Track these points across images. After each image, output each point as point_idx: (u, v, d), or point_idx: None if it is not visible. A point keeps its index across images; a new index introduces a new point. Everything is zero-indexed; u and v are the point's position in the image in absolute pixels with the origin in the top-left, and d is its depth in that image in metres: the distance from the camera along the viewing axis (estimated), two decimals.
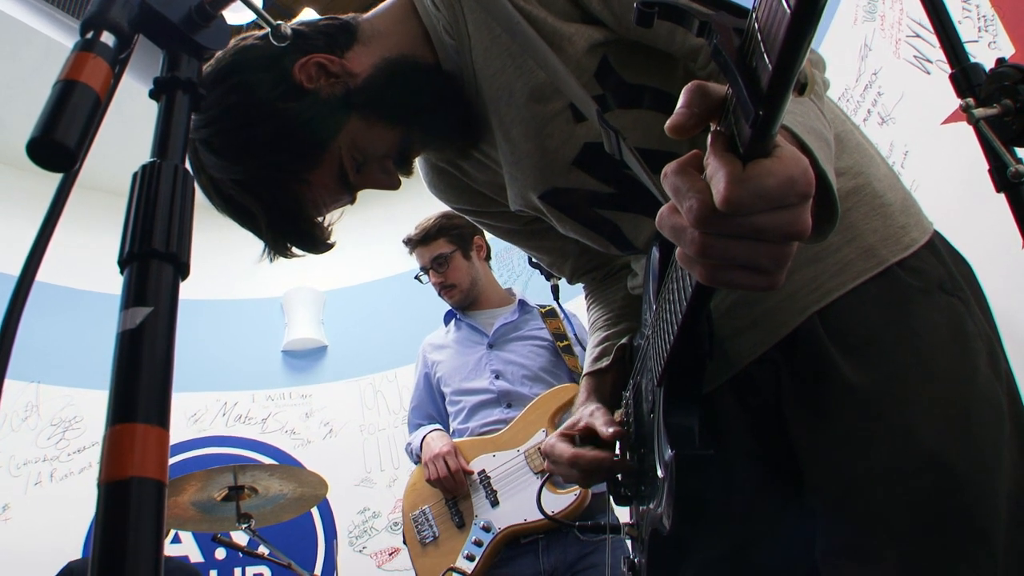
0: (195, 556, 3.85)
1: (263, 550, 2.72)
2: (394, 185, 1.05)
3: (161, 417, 0.41)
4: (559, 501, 2.21)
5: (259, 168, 0.99)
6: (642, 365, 1.00)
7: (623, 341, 1.16)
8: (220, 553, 3.85)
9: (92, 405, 4.01)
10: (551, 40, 0.91)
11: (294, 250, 1.09)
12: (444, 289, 2.65)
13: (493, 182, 1.12)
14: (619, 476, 1.07)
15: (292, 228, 1.05)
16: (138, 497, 0.39)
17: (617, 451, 1.08)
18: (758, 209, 0.49)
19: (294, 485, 2.77)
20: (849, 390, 0.86)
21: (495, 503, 2.35)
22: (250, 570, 3.92)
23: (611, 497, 1.10)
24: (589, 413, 1.09)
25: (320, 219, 1.06)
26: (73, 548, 3.65)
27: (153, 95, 0.58)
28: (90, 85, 0.49)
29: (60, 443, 3.88)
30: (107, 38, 0.53)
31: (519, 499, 2.32)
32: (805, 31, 0.37)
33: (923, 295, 0.88)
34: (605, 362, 1.16)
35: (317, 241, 1.07)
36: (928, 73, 2.26)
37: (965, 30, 2.06)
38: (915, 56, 2.29)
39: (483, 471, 2.40)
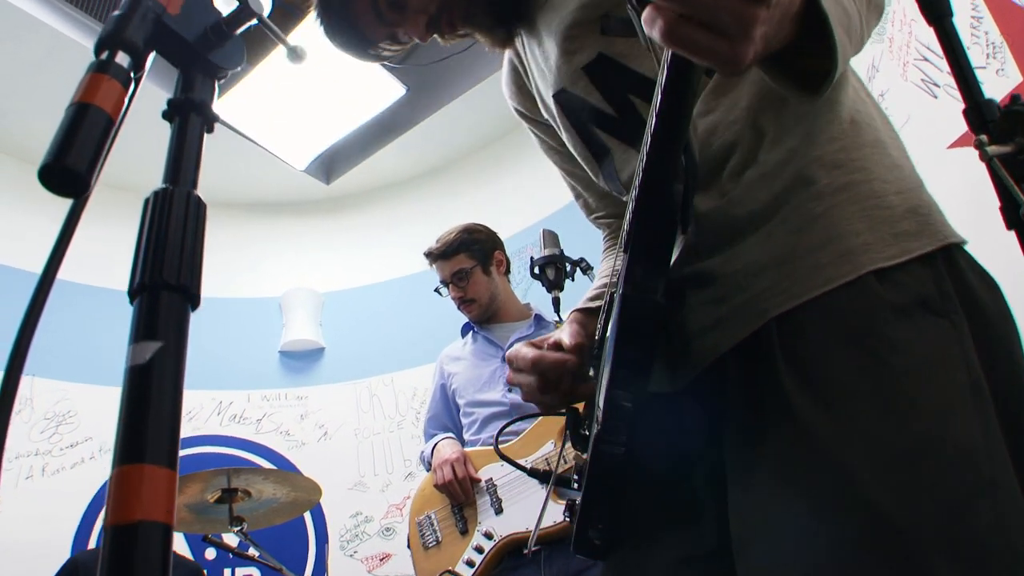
0: (184, 552, 3.84)
1: (253, 552, 2.72)
2: (420, 37, 1.12)
3: (170, 457, 0.41)
4: (560, 510, 2.21)
5: None
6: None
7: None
8: (210, 553, 3.83)
9: (86, 400, 3.99)
10: None
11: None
12: (464, 304, 2.67)
13: (536, 86, 1.17)
14: (580, 410, 1.03)
15: (344, 25, 1.13)
16: (145, 542, 0.38)
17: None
18: None
19: (288, 489, 2.77)
20: (788, 413, 0.78)
21: (499, 511, 2.35)
22: (240, 571, 3.90)
23: (569, 435, 1.03)
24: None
25: (372, 35, 1.14)
26: (62, 543, 3.64)
27: (166, 116, 0.58)
28: (103, 108, 0.49)
29: (53, 437, 3.86)
30: (122, 58, 0.53)
31: (523, 508, 2.33)
32: None
33: (897, 313, 0.79)
34: (596, 303, 1.12)
35: (360, 45, 1.16)
36: (935, 97, 2.27)
37: (974, 55, 2.06)
38: (922, 79, 2.30)
39: (490, 479, 2.41)
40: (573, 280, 2.53)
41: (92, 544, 3.71)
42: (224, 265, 4.77)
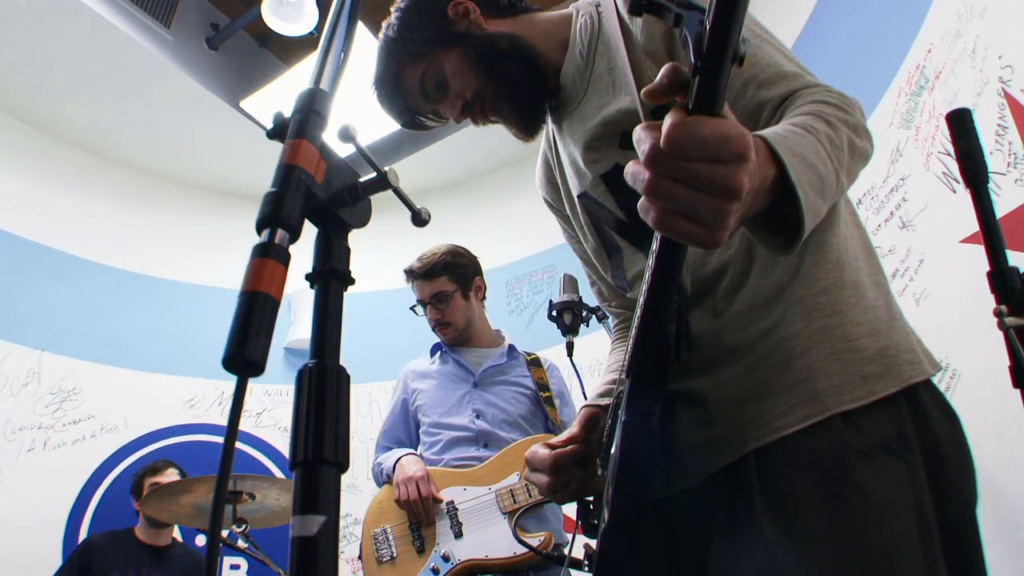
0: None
1: (242, 544, 2.78)
2: (455, 118, 1.26)
3: None
4: (513, 543, 2.28)
5: (395, 39, 1.26)
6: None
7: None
8: (200, 540, 3.91)
9: (92, 378, 4.07)
10: (645, 84, 1.04)
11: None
12: (439, 326, 2.68)
13: (563, 182, 1.31)
14: (590, 501, 1.16)
15: (395, 97, 1.29)
16: None
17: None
18: (695, 155, 0.59)
19: (291, 496, 2.84)
20: (760, 538, 0.88)
21: (459, 535, 2.38)
22: (227, 560, 3.98)
23: (580, 523, 1.17)
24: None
25: (417, 108, 1.29)
26: (59, 517, 3.72)
27: (309, 278, 0.65)
28: (271, 295, 0.56)
29: (57, 412, 3.92)
30: (281, 236, 0.60)
31: (483, 535, 2.36)
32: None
33: (858, 456, 0.88)
34: (605, 401, 1.25)
35: (410, 122, 1.33)
36: (954, 192, 2.35)
37: (995, 161, 2.16)
38: (944, 172, 2.38)
39: (452, 502, 2.43)
40: (588, 326, 2.61)
41: (87, 521, 3.79)
42: (236, 255, 4.82)
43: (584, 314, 2.58)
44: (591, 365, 3.73)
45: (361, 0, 0.75)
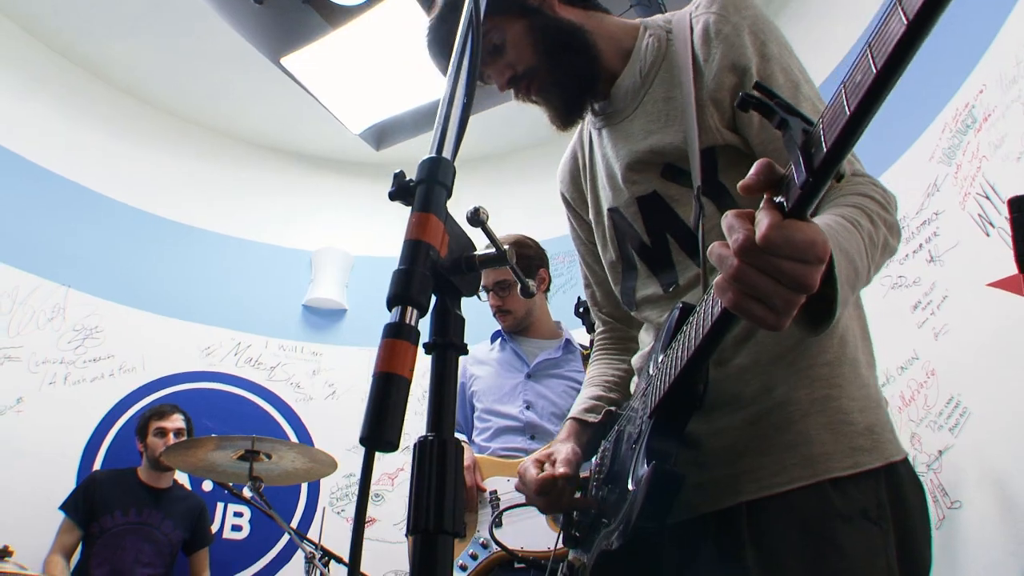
0: (183, 483, 4.02)
1: (247, 493, 2.88)
2: (499, 85, 1.26)
3: None
4: (552, 536, 2.36)
5: None
6: (631, 416, 1.15)
7: (612, 408, 1.33)
8: (207, 485, 4.02)
9: (114, 318, 4.14)
10: (703, 127, 1.12)
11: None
12: (500, 313, 2.75)
13: (593, 189, 1.35)
14: (575, 515, 1.24)
15: (445, 48, 1.27)
16: None
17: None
18: (784, 254, 0.66)
19: (306, 460, 2.94)
20: None
21: (498, 524, 2.47)
22: (232, 507, 4.10)
23: (561, 535, 1.27)
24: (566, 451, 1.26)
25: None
26: (74, 451, 3.83)
27: (427, 350, 0.69)
28: (404, 376, 0.60)
29: (79, 349, 4.00)
30: (411, 314, 0.64)
31: (521, 527, 2.44)
32: (856, 128, 0.57)
33: (842, 521, 0.97)
34: (592, 417, 1.33)
35: (445, 64, 1.28)
36: (987, 235, 2.38)
37: None
38: (979, 215, 2.41)
39: (495, 491, 2.53)
40: None
41: (100, 456, 3.89)
42: (264, 209, 4.88)
43: None
44: None
45: (478, 66, 0.79)
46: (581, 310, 2.65)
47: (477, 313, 2.86)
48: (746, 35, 1.11)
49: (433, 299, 0.70)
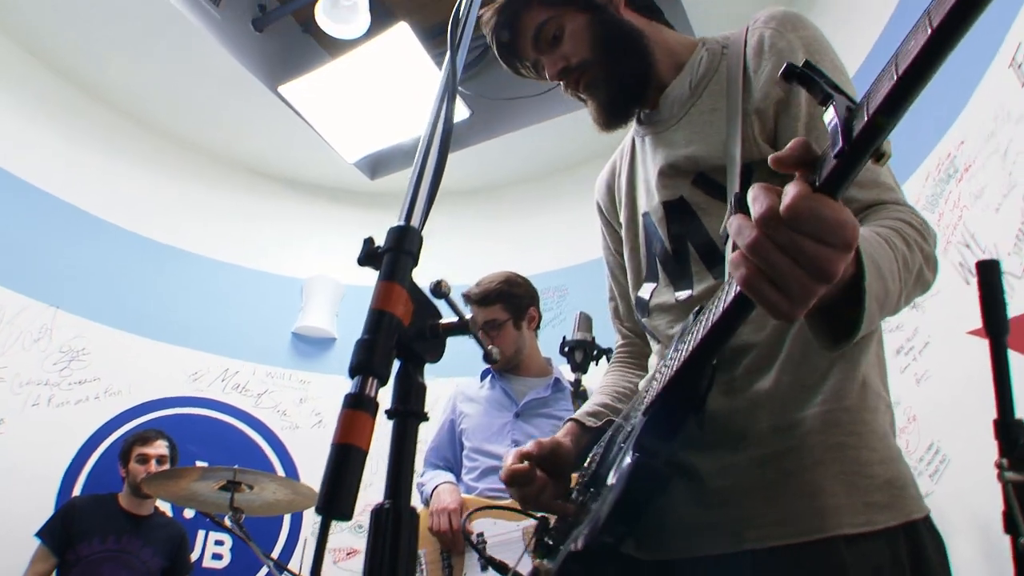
0: (164, 510, 3.99)
1: (228, 522, 2.86)
2: (547, 77, 1.28)
3: None
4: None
5: None
6: (624, 422, 1.13)
7: (616, 419, 1.27)
8: (188, 512, 4.00)
9: (102, 340, 4.13)
10: (745, 137, 1.10)
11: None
12: None
13: (629, 192, 1.36)
14: (550, 522, 1.20)
15: (507, 31, 1.29)
16: None
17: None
18: (808, 230, 0.61)
19: (288, 492, 2.93)
20: None
21: (484, 567, 2.43)
22: (213, 535, 4.07)
23: (534, 540, 1.23)
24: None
25: (520, 50, 1.30)
26: (55, 474, 3.80)
27: (389, 416, 0.70)
28: (361, 447, 0.61)
29: (64, 371, 3.99)
30: (371, 384, 0.65)
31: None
32: (904, 96, 0.53)
33: None
34: (592, 421, 1.28)
35: (508, 59, 1.33)
36: (968, 283, 2.41)
37: (1011, 264, 2.21)
38: (960, 263, 2.44)
39: (481, 534, 2.49)
40: (597, 364, 2.67)
41: (81, 480, 3.86)
42: (255, 234, 4.90)
43: (595, 353, 2.65)
44: None
45: (451, 136, 0.80)
46: (567, 349, 2.66)
47: (472, 348, 2.86)
48: (800, 52, 1.09)
49: (397, 364, 0.72)
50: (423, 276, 0.73)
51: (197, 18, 3.98)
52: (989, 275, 1.16)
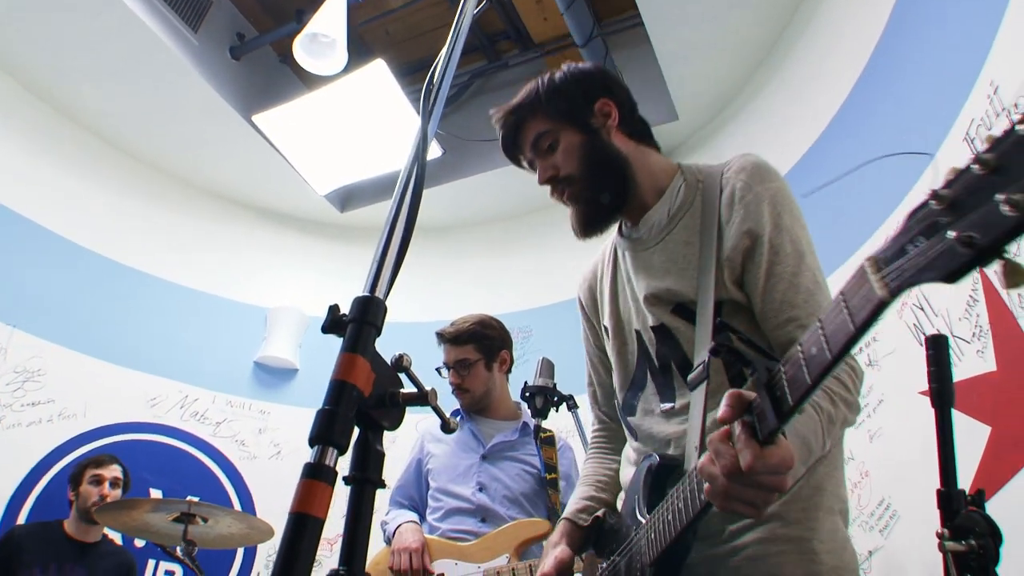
0: (113, 537, 3.90)
1: (179, 552, 2.81)
2: (539, 178, 1.42)
3: None
4: None
5: (542, 95, 1.43)
6: (627, 549, 1.26)
7: (601, 512, 1.45)
8: (139, 542, 3.90)
9: (58, 362, 4.04)
10: (718, 287, 1.26)
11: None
12: (459, 390, 2.76)
13: (612, 300, 1.49)
14: None
15: (512, 129, 1.45)
16: None
17: None
18: (763, 473, 0.82)
19: (242, 525, 2.89)
20: None
21: None
22: (164, 564, 3.98)
23: None
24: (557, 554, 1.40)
25: (520, 147, 1.46)
26: (2, 496, 3.68)
27: (347, 482, 0.72)
28: (318, 517, 0.63)
29: (17, 392, 3.89)
30: (331, 455, 0.67)
31: None
32: (810, 392, 0.72)
33: None
34: (584, 519, 1.45)
35: (509, 152, 1.49)
36: (920, 344, 2.48)
37: (961, 328, 2.29)
38: (914, 324, 2.51)
39: (443, 574, 2.50)
40: (557, 411, 2.70)
41: (28, 505, 3.76)
42: (223, 262, 4.86)
43: (555, 400, 2.68)
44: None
45: (417, 212, 0.83)
46: (528, 395, 2.68)
47: (444, 387, 2.88)
48: (765, 205, 1.24)
49: (357, 431, 0.74)
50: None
51: (174, 43, 3.99)
52: (937, 350, 1.22)
